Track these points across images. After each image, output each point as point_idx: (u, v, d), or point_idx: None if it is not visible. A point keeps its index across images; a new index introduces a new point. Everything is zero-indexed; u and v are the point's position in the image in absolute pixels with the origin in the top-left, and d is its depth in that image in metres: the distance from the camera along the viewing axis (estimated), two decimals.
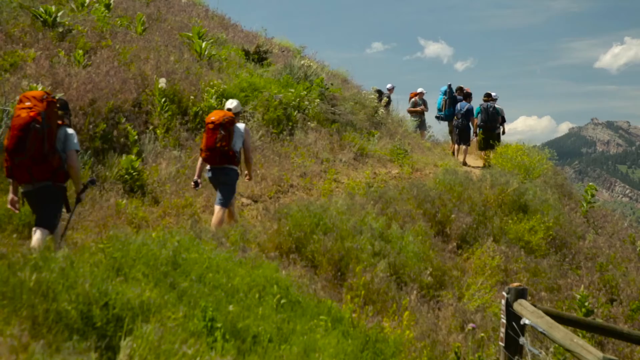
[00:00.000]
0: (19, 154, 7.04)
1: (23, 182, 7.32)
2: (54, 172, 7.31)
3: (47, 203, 7.41)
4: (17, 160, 7.09)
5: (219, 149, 9.83)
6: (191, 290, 5.57)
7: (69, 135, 7.50)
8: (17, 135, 6.98)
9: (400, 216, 10.90)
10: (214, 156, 9.92)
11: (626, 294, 11.39)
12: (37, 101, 7.11)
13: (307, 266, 8.39)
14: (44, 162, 7.17)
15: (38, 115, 7.03)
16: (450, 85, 21.42)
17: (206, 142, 9.93)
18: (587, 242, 13.61)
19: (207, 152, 9.93)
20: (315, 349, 5.46)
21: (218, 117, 9.97)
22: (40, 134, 7.04)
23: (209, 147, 9.88)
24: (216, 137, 9.82)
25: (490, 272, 10.41)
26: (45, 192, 7.35)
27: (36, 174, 7.20)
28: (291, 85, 16.70)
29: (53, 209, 7.46)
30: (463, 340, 7.56)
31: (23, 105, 7.10)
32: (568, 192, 19.22)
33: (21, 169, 7.15)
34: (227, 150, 9.86)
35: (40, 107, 7.08)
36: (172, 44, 16.15)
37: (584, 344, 4.71)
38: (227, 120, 9.92)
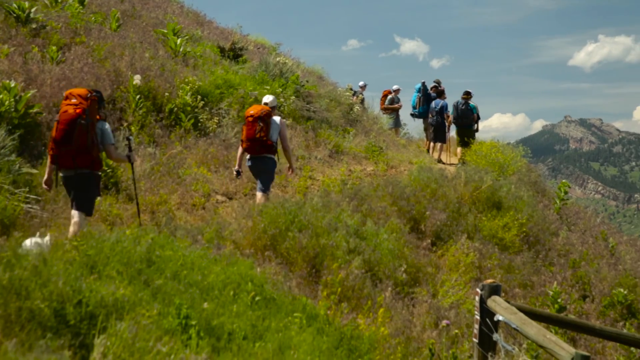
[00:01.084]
0: (66, 145, 7.99)
1: (66, 168, 8.22)
2: (93, 161, 8.21)
3: (87, 189, 8.31)
4: (64, 150, 8.03)
5: (258, 140, 10.84)
6: (165, 288, 5.55)
7: (105, 131, 8.40)
8: (64, 129, 7.97)
9: (375, 213, 10.93)
10: (254, 146, 10.94)
11: (598, 290, 11.50)
12: (82, 99, 8.09)
13: (282, 263, 8.38)
14: (86, 153, 8.10)
15: (83, 112, 8.02)
16: (424, 83, 21.51)
17: (247, 134, 10.95)
18: (560, 238, 13.71)
19: (248, 143, 10.96)
20: (290, 346, 5.46)
21: (256, 111, 11.00)
22: (84, 129, 8.02)
23: (250, 138, 10.90)
24: (255, 129, 10.83)
25: (464, 269, 10.47)
26: (85, 178, 8.24)
27: (79, 162, 8.11)
28: (267, 82, 16.69)
29: (93, 194, 8.44)
30: (437, 336, 7.59)
31: (69, 102, 8.09)
32: (542, 189, 19.36)
33: (66, 157, 8.08)
34: (266, 141, 10.85)
35: (85, 105, 8.07)
36: (147, 41, 16.07)
37: (557, 340, 4.75)
38: (264, 113, 10.93)
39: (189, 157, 12.33)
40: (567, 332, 9.40)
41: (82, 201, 8.27)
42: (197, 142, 13.00)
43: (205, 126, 13.78)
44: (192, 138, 13.05)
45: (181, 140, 12.76)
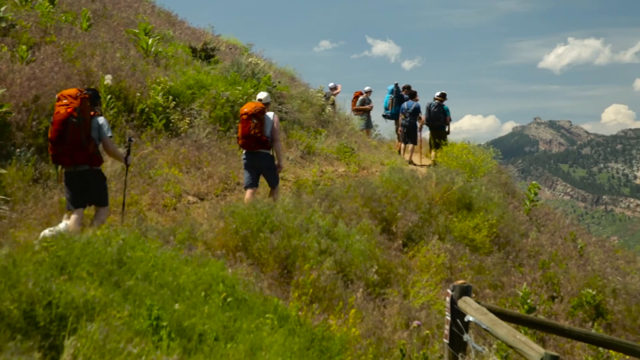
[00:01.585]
0: (61, 144, 8.39)
1: (67, 166, 8.62)
2: (91, 157, 8.60)
3: (96, 184, 8.81)
4: (60, 149, 8.42)
5: (253, 136, 11.28)
6: (136, 289, 5.52)
7: (101, 125, 8.77)
8: (57, 129, 8.37)
9: (347, 214, 10.95)
10: (249, 142, 11.36)
11: (567, 290, 11.61)
12: (72, 99, 8.48)
13: (253, 264, 8.37)
14: (82, 149, 8.49)
15: (74, 110, 8.40)
16: (397, 84, 21.58)
17: (242, 131, 11.40)
18: (530, 239, 13.82)
19: (243, 139, 11.40)
20: (261, 347, 5.46)
21: (250, 108, 11.41)
22: (77, 127, 8.42)
23: (244, 134, 11.34)
24: (250, 126, 11.28)
25: (435, 270, 10.52)
26: (86, 175, 8.68)
27: (76, 159, 8.51)
28: (238, 82, 16.65)
29: (102, 187, 8.89)
30: (408, 337, 7.63)
31: (61, 103, 8.48)
32: (512, 191, 19.50)
33: (64, 156, 8.47)
34: (260, 136, 11.27)
35: (75, 104, 8.45)
36: (118, 41, 15.97)
37: (527, 341, 4.79)
38: (258, 110, 11.36)
39: (160, 158, 12.27)
40: (536, 332, 9.48)
41: (95, 196, 8.83)
42: (168, 143, 12.95)
43: (177, 127, 13.73)
44: (163, 138, 12.99)
45: (152, 140, 12.70)
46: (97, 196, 8.85)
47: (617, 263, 16.16)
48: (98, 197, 8.86)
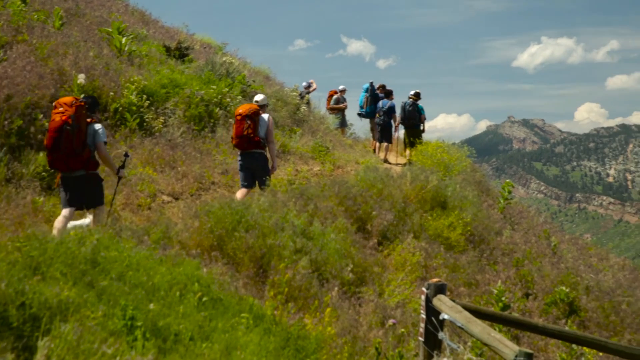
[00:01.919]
0: (56, 151, 8.71)
1: (62, 171, 8.93)
2: (86, 163, 8.92)
3: (91, 187, 9.10)
4: (56, 155, 8.75)
5: (246, 137, 11.68)
6: (111, 289, 5.49)
7: (96, 131, 9.06)
8: (52, 137, 8.69)
9: (322, 213, 10.94)
10: (242, 142, 11.76)
11: (541, 288, 11.67)
12: (67, 106, 8.80)
13: (228, 263, 8.35)
14: (76, 156, 8.80)
15: (69, 118, 8.70)
16: (372, 83, 21.61)
17: (236, 131, 11.81)
18: (504, 237, 13.88)
19: (237, 139, 11.80)
20: (237, 346, 5.46)
21: (245, 109, 11.84)
22: (71, 134, 8.70)
23: (238, 135, 11.74)
24: (243, 126, 11.67)
25: (410, 268, 10.53)
26: (83, 179, 8.98)
27: (71, 165, 8.83)
28: (213, 82, 16.62)
29: (97, 189, 9.23)
30: (383, 335, 7.63)
31: (57, 111, 8.80)
32: (486, 189, 19.58)
33: (59, 162, 8.80)
34: (253, 137, 11.67)
35: (70, 112, 8.75)
36: (91, 40, 15.87)
37: (501, 338, 4.82)
38: (252, 111, 11.78)
39: (135, 157, 12.21)
40: (510, 330, 9.52)
41: (91, 198, 9.14)
42: (142, 142, 12.89)
43: (151, 126, 13.67)
44: (137, 138, 12.93)
45: (126, 140, 12.63)
46: (93, 199, 9.16)
47: (590, 260, 16.26)
48: (94, 200, 9.17)
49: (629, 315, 11.67)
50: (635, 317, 11.68)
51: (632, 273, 16.49)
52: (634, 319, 11.61)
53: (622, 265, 17.41)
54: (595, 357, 9.41)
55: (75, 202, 8.98)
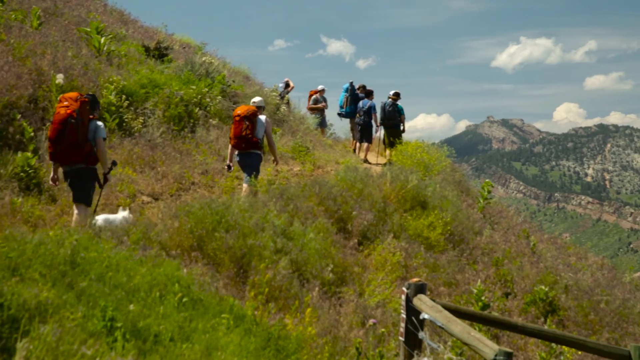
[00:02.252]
0: (59, 143, 9.03)
1: (63, 164, 9.29)
2: (86, 156, 9.25)
3: (83, 181, 9.36)
4: (58, 147, 9.08)
5: (244, 137, 12.25)
6: (90, 290, 5.47)
7: (98, 127, 9.42)
8: (57, 128, 9.01)
9: (302, 213, 10.94)
10: (240, 143, 12.32)
11: (520, 287, 11.73)
12: (72, 101, 9.14)
13: (209, 264, 8.32)
14: (78, 149, 9.13)
15: (73, 112, 9.03)
16: (352, 83, 21.63)
17: (234, 132, 12.37)
18: (483, 237, 13.93)
19: (235, 140, 12.36)
20: (217, 347, 5.45)
21: (243, 110, 12.41)
22: (75, 127, 9.03)
23: (236, 135, 12.31)
24: (242, 127, 12.24)
25: (390, 268, 10.54)
26: (81, 172, 9.30)
27: (73, 158, 9.17)
28: (192, 82, 16.57)
29: (88, 186, 9.44)
30: (364, 335, 7.64)
31: (62, 105, 9.13)
32: (466, 189, 19.66)
33: (61, 154, 9.15)
34: (251, 138, 12.25)
35: (74, 106, 9.09)
36: (69, 39, 15.77)
37: (481, 337, 4.84)
38: (250, 113, 12.34)
39: (114, 158, 12.15)
40: (490, 329, 9.56)
41: (79, 193, 9.35)
42: (122, 142, 12.84)
43: (130, 126, 13.62)
44: (116, 138, 12.88)
45: (105, 140, 12.57)
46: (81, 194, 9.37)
47: (569, 260, 16.36)
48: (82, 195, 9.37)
49: (608, 314, 11.76)
50: (614, 316, 11.77)
51: (610, 272, 16.61)
52: (612, 317, 11.70)
53: (601, 265, 17.54)
54: (574, 355, 9.47)
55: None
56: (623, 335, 11.25)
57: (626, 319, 11.95)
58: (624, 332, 11.42)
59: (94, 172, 9.51)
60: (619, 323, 11.67)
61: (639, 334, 11.56)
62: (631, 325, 11.73)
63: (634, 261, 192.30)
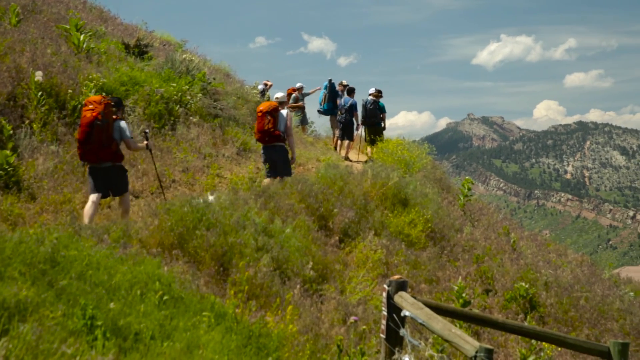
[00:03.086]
0: (88, 143, 9.74)
1: (92, 163, 9.96)
2: (113, 155, 10.00)
3: (119, 177, 10.21)
4: (87, 148, 9.77)
5: (267, 131, 13.21)
6: (70, 288, 5.44)
7: (122, 128, 10.16)
8: (84, 130, 9.71)
9: (283, 211, 10.93)
10: (263, 137, 13.33)
11: (501, 284, 11.78)
12: (97, 104, 9.79)
13: (189, 262, 8.30)
14: (106, 148, 9.86)
15: (98, 114, 9.71)
16: (330, 80, 21.67)
17: (257, 126, 13.40)
18: (464, 234, 13.98)
19: (259, 134, 13.40)
20: (198, 345, 5.43)
21: (265, 106, 13.36)
22: (100, 128, 9.73)
23: (260, 130, 13.32)
24: (264, 122, 13.18)
25: (371, 265, 10.56)
26: (110, 170, 10.04)
27: (101, 156, 9.87)
28: (173, 79, 16.51)
29: (123, 179, 10.32)
30: (345, 333, 7.64)
31: (87, 108, 9.78)
32: (446, 186, 19.72)
33: (90, 153, 9.84)
34: (273, 131, 13.22)
35: (99, 108, 9.76)
36: (48, 37, 15.68)
37: (462, 334, 4.85)
38: (272, 108, 13.27)
39: None
40: (471, 326, 9.60)
41: (120, 187, 10.23)
42: None
43: None
44: None
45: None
46: (120, 188, 10.22)
47: (549, 256, 16.46)
48: (120, 188, 10.23)
49: (587, 310, 11.83)
50: (593, 313, 11.85)
51: (589, 269, 16.74)
52: (592, 314, 11.78)
53: (580, 261, 17.66)
54: (554, 352, 9.53)
55: (101, 189, 9.97)
56: (602, 332, 11.33)
57: (605, 315, 12.04)
58: (603, 328, 11.51)
59: (122, 168, 10.36)
60: (598, 319, 11.75)
61: (617, 330, 11.64)
62: (610, 322, 11.81)
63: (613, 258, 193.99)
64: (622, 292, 15.33)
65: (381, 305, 6.57)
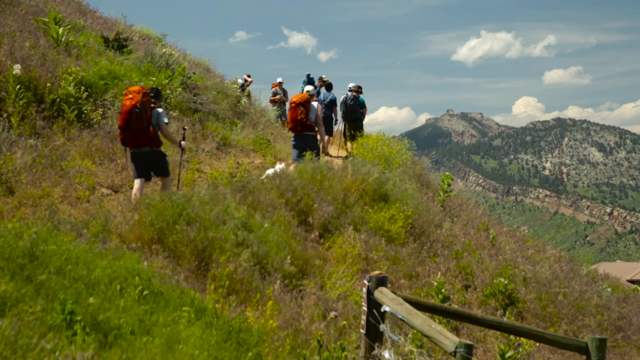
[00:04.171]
0: (127, 129, 10.70)
1: (132, 147, 10.92)
2: (151, 140, 10.92)
3: (159, 160, 11.12)
4: (127, 133, 10.73)
5: (299, 121, 14.56)
6: (49, 283, 5.41)
7: (159, 114, 11.03)
8: (124, 118, 10.67)
9: (263, 206, 10.91)
10: (296, 126, 14.69)
11: (480, 280, 11.83)
12: (135, 94, 10.71)
13: (169, 257, 8.27)
14: (143, 133, 10.78)
15: (137, 103, 10.64)
16: (309, 75, 21.73)
17: (290, 117, 14.75)
18: (444, 230, 14.02)
19: (292, 124, 14.74)
20: (178, 340, 5.42)
21: (298, 98, 14.75)
22: (139, 116, 10.66)
23: (293, 119, 14.65)
24: (297, 112, 14.52)
25: (351, 261, 10.56)
26: (149, 154, 10.96)
27: (139, 141, 10.81)
28: (152, 73, 16.45)
29: (164, 162, 11.23)
30: (325, 328, 7.65)
31: (127, 97, 10.74)
32: (426, 182, 19.75)
33: (129, 139, 10.80)
34: (306, 121, 14.62)
35: (137, 98, 10.68)
36: (27, 30, 15.55)
37: (441, 330, 4.87)
38: (304, 100, 14.66)
39: (73, 149, 12.02)
40: (450, 321, 9.64)
41: (160, 170, 11.13)
42: (80, 134, 12.69)
43: (90, 118, 13.46)
44: (75, 130, 12.72)
45: (64, 131, 12.42)
46: (161, 170, 11.13)
47: (527, 252, 16.54)
48: (161, 170, 11.14)
49: (565, 306, 11.92)
50: (571, 308, 11.95)
51: (567, 265, 16.86)
52: (570, 309, 11.87)
53: (558, 257, 17.78)
54: (533, 347, 9.59)
55: (143, 173, 10.90)
56: (580, 327, 11.42)
57: (583, 311, 12.14)
58: (581, 323, 11.60)
59: (161, 152, 11.19)
60: (576, 315, 11.84)
61: (595, 325, 11.74)
62: (588, 317, 11.91)
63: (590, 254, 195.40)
64: (599, 288, 15.46)
65: (361, 301, 6.59)
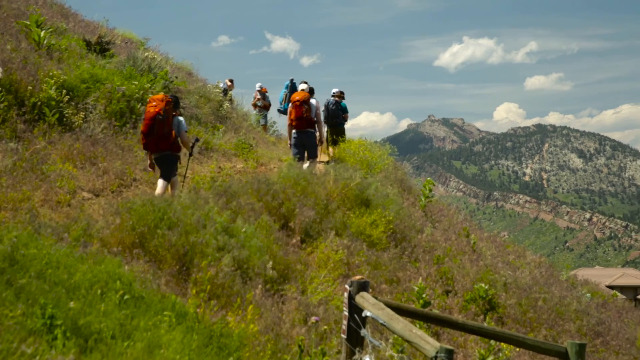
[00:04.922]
0: (150, 135, 11.40)
1: (153, 152, 11.68)
2: (172, 145, 11.64)
3: (168, 164, 11.71)
4: (149, 138, 11.44)
5: (305, 118, 15.34)
6: (30, 287, 5.39)
7: (180, 122, 11.89)
8: (147, 124, 11.36)
9: (245, 210, 10.92)
10: (301, 123, 15.44)
11: (461, 285, 11.88)
12: (159, 101, 11.40)
13: (151, 261, 8.26)
14: (165, 139, 11.50)
15: (160, 110, 11.33)
16: (292, 80, 21.73)
17: (295, 114, 15.39)
18: (425, 235, 14.06)
19: (297, 121, 15.42)
20: (159, 344, 5.41)
21: (301, 96, 15.46)
22: (161, 122, 11.35)
23: (298, 117, 15.37)
24: (302, 110, 15.25)
25: (333, 266, 10.58)
26: (167, 157, 11.69)
27: (161, 146, 11.56)
28: (135, 77, 16.40)
29: (171, 168, 11.77)
30: (306, 333, 7.67)
31: (151, 104, 11.42)
32: (408, 187, 19.79)
33: (152, 144, 11.54)
34: (310, 118, 15.47)
35: (161, 105, 11.36)
36: (8, 32, 15.47)
37: (422, 335, 4.89)
38: (306, 98, 15.44)
39: (54, 153, 11.97)
40: (431, 326, 9.68)
41: (165, 173, 11.64)
42: (62, 138, 12.63)
43: (71, 121, 13.40)
44: (56, 133, 12.66)
45: (45, 135, 12.36)
46: (169, 173, 11.66)
47: (507, 258, 16.63)
48: (170, 173, 11.66)
49: (545, 311, 11.99)
50: (551, 313, 12.01)
51: (547, 270, 16.96)
52: (550, 315, 11.94)
53: (539, 263, 17.88)
54: (513, 352, 9.63)
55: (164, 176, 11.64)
56: (560, 332, 11.49)
57: (563, 316, 12.21)
58: (561, 329, 11.67)
59: (177, 157, 11.85)
60: (556, 320, 11.91)
61: (575, 331, 11.82)
62: (567, 322, 11.98)
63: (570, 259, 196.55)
64: (579, 294, 15.57)
65: (342, 306, 6.59)
